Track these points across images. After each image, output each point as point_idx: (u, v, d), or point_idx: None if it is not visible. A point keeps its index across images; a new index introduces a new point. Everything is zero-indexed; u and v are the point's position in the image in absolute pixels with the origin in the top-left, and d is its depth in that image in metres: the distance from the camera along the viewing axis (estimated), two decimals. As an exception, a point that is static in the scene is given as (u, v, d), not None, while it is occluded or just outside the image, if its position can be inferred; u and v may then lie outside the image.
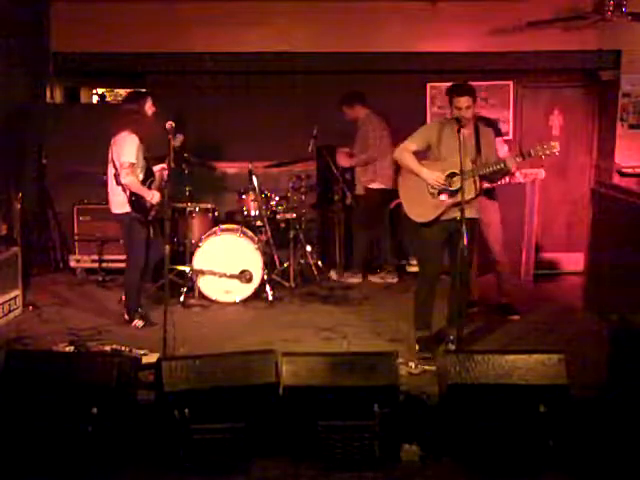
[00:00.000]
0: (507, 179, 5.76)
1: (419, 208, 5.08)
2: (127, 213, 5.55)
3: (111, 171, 5.59)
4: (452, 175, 4.92)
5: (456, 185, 4.89)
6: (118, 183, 5.51)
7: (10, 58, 6.98)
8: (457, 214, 4.72)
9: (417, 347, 5.09)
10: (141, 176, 5.58)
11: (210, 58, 7.58)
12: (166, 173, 5.55)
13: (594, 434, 3.84)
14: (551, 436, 3.71)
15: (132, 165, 5.44)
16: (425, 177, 4.99)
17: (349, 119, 7.16)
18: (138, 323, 5.70)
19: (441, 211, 4.99)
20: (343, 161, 7.17)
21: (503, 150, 5.77)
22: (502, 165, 4.90)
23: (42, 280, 7.06)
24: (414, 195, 5.10)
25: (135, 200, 5.51)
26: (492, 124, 6.16)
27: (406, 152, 5.08)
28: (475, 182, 4.89)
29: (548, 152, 4.84)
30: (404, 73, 7.73)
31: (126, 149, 5.45)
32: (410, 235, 5.46)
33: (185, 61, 7.64)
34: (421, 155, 5.16)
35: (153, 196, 5.58)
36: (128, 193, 5.49)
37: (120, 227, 5.76)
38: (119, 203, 5.56)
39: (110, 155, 5.60)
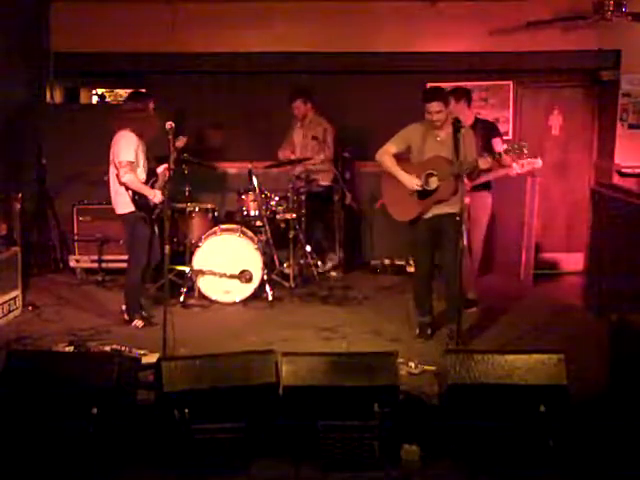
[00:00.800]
0: (503, 172, 5.77)
1: (400, 208, 5.32)
2: (132, 212, 5.54)
3: (113, 171, 5.57)
4: (430, 175, 5.13)
5: (433, 185, 5.12)
6: (121, 183, 5.51)
7: (10, 58, 6.98)
8: (439, 211, 5.13)
9: (417, 331, 5.36)
10: (143, 175, 5.58)
11: (209, 58, 7.58)
12: (169, 174, 5.49)
13: (594, 434, 3.84)
14: (551, 436, 3.71)
15: (130, 163, 5.43)
16: (402, 180, 5.21)
17: (298, 114, 7.15)
18: (138, 323, 5.70)
19: (420, 210, 5.19)
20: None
21: (499, 149, 5.80)
22: (475, 164, 5.03)
23: (42, 280, 7.06)
24: (396, 196, 5.30)
25: (138, 199, 5.51)
26: (490, 125, 6.20)
27: (386, 155, 5.30)
28: (451, 181, 5.03)
29: (518, 151, 4.98)
30: (404, 73, 7.73)
31: (124, 148, 5.44)
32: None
33: (185, 61, 7.64)
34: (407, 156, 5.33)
35: (155, 195, 5.57)
36: (131, 192, 5.48)
37: (124, 227, 5.74)
38: (123, 203, 5.54)
39: (111, 155, 5.59)
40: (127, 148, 5.44)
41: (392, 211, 5.42)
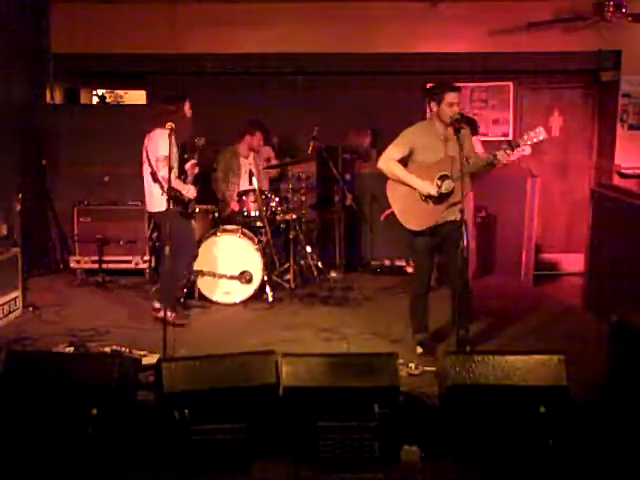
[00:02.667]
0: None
1: (415, 216, 4.94)
2: (168, 209, 5.54)
3: (147, 170, 5.59)
4: (443, 178, 4.82)
5: (449, 187, 4.81)
6: (155, 180, 5.52)
7: (10, 59, 6.99)
8: (450, 216, 4.78)
9: (420, 350, 5.08)
10: (176, 172, 5.62)
11: (209, 59, 7.59)
12: (197, 170, 5.84)
13: (594, 435, 3.83)
14: (551, 437, 3.71)
15: (166, 158, 5.44)
16: (417, 186, 4.87)
17: (256, 146, 7.02)
18: (171, 316, 5.62)
19: (439, 215, 4.88)
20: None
21: (478, 149, 5.75)
22: (492, 158, 4.76)
23: (42, 281, 7.06)
24: (407, 204, 4.95)
25: (176, 195, 5.52)
26: (472, 122, 6.15)
27: (392, 161, 4.94)
28: (465, 182, 4.76)
29: (535, 139, 4.66)
30: (404, 74, 7.74)
31: (162, 144, 5.44)
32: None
33: (185, 62, 7.65)
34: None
35: (189, 190, 5.63)
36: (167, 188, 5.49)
37: (160, 225, 5.62)
38: (160, 201, 5.48)
39: (145, 154, 5.61)
40: (164, 144, 5.42)
41: (405, 220, 4.96)
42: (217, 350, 4.65)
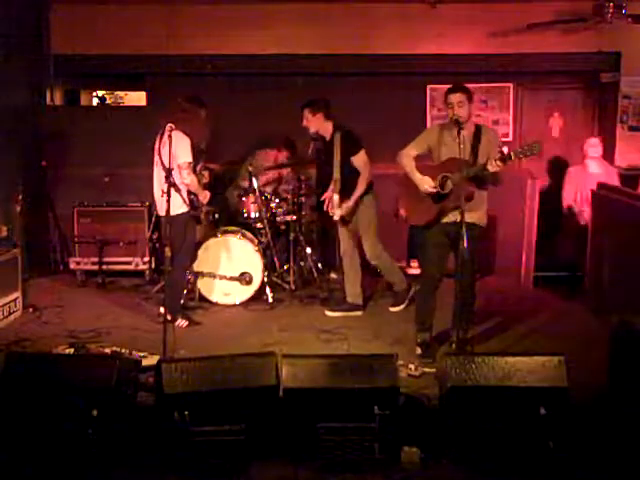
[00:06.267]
0: None
1: (416, 211, 5.12)
2: (186, 213, 5.52)
3: (160, 173, 5.45)
4: (445, 178, 4.87)
5: (448, 188, 4.86)
6: (170, 184, 5.18)
7: (10, 60, 6.99)
8: (457, 217, 4.63)
9: (419, 350, 5.08)
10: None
11: (210, 60, 7.59)
12: (207, 179, 5.90)
13: (594, 436, 3.83)
14: (551, 438, 3.71)
15: (190, 164, 5.45)
16: (416, 181, 5.01)
17: None
18: (182, 323, 5.67)
19: (436, 214, 4.95)
20: None
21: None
22: (482, 167, 4.71)
23: (42, 282, 7.06)
24: (413, 199, 5.11)
25: (192, 199, 5.53)
26: (353, 140, 6.12)
27: (405, 157, 5.11)
28: (466, 186, 4.73)
29: (529, 154, 4.57)
30: (404, 75, 7.75)
31: (185, 149, 5.42)
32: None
33: (185, 63, 7.65)
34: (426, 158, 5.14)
35: (205, 196, 5.61)
36: (185, 192, 5.47)
37: (171, 229, 5.17)
38: (177, 204, 5.34)
39: (158, 157, 5.53)
40: (187, 149, 5.44)
41: (409, 215, 5.24)
42: (217, 351, 4.64)
